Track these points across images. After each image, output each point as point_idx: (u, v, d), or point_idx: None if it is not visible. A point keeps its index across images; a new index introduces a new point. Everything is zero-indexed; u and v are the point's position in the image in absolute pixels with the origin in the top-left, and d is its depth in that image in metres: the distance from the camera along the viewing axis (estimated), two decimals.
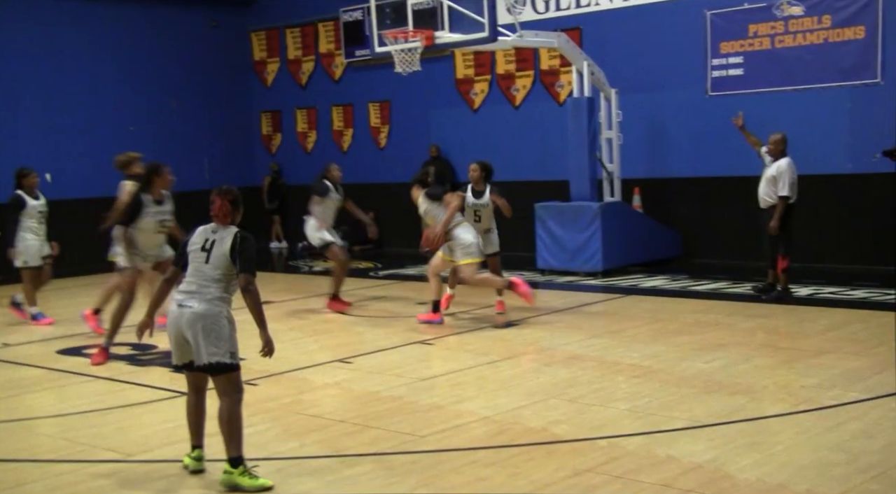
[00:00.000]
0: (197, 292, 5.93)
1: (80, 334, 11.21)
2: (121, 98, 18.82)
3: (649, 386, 7.81)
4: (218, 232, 6.05)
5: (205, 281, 5.94)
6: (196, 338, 5.88)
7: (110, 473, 6.27)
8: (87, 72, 18.44)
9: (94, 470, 6.33)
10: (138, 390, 8.53)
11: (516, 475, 5.83)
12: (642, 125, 15.21)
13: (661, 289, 12.82)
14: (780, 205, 11.25)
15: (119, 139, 17.95)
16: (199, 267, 5.99)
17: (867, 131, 13.30)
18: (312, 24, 20.17)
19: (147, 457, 6.55)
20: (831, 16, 13.54)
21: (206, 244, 6.02)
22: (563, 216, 14.23)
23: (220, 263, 5.95)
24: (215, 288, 5.93)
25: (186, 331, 5.91)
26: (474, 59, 17.55)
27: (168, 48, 19.59)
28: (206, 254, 5.99)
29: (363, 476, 5.97)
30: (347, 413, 7.35)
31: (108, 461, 6.51)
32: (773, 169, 11.34)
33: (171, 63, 19.61)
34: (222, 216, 6.08)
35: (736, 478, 5.59)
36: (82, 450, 6.77)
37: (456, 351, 9.66)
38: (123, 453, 6.65)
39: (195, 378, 6.11)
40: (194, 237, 6.11)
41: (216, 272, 5.95)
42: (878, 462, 5.75)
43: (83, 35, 18.45)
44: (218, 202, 6.07)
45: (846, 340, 9.24)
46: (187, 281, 6.02)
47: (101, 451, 6.73)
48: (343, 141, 19.93)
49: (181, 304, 5.94)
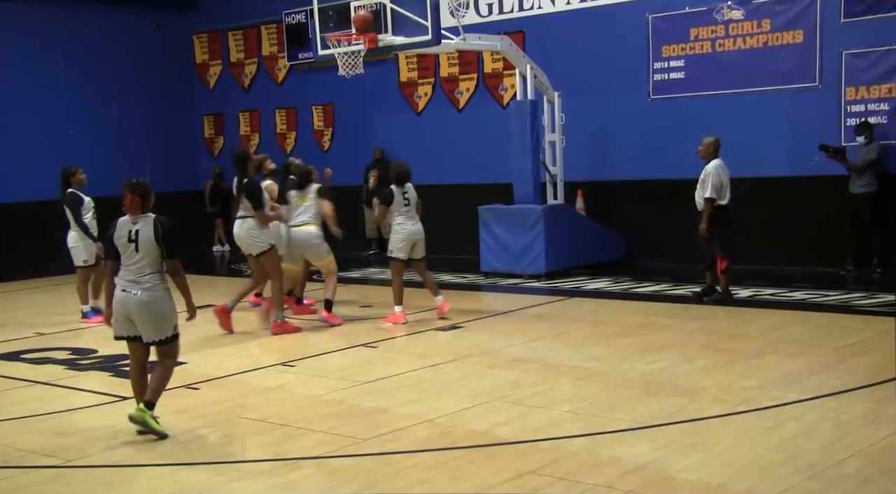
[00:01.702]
0: (135, 281, 6.69)
1: (19, 339, 11.08)
2: (61, 100, 18.50)
3: (592, 388, 7.84)
4: (137, 222, 6.72)
5: (139, 269, 6.69)
6: (145, 324, 6.73)
7: (49, 479, 6.18)
8: (26, 73, 18.08)
9: (32, 477, 6.24)
10: (77, 395, 8.42)
11: (459, 477, 5.82)
12: (585, 128, 15.28)
13: (603, 291, 12.89)
14: (707, 207, 11.25)
15: (59, 142, 17.79)
16: (130, 256, 6.71)
17: (805, 134, 13.48)
18: (255, 27, 20.03)
19: (87, 462, 6.46)
20: (770, 20, 13.73)
21: (131, 235, 6.70)
22: (506, 219, 14.26)
23: (148, 249, 6.68)
24: (150, 272, 6.70)
25: (134, 315, 6.71)
26: (418, 61, 17.53)
27: (109, 50, 19.28)
28: (134, 244, 6.69)
29: (305, 480, 5.92)
30: (289, 417, 7.29)
31: (47, 467, 6.41)
32: (702, 172, 11.38)
33: (112, 65, 19.30)
34: (134, 209, 6.74)
35: (677, 479, 5.63)
36: (20, 456, 6.67)
37: (399, 353, 9.64)
38: (62, 459, 6.55)
39: (139, 348, 6.93)
40: (117, 230, 6.78)
41: (147, 257, 6.68)
42: (817, 462, 5.81)
43: (22, 36, 18.08)
44: (128, 197, 6.72)
45: (786, 341, 9.34)
46: (124, 270, 6.74)
47: (39, 457, 6.63)
48: (286, 144, 19.79)
49: (125, 289, 6.72)
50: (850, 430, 6.45)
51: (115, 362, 9.63)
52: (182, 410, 7.69)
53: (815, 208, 13.53)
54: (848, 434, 6.37)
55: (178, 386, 8.41)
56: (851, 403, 7.08)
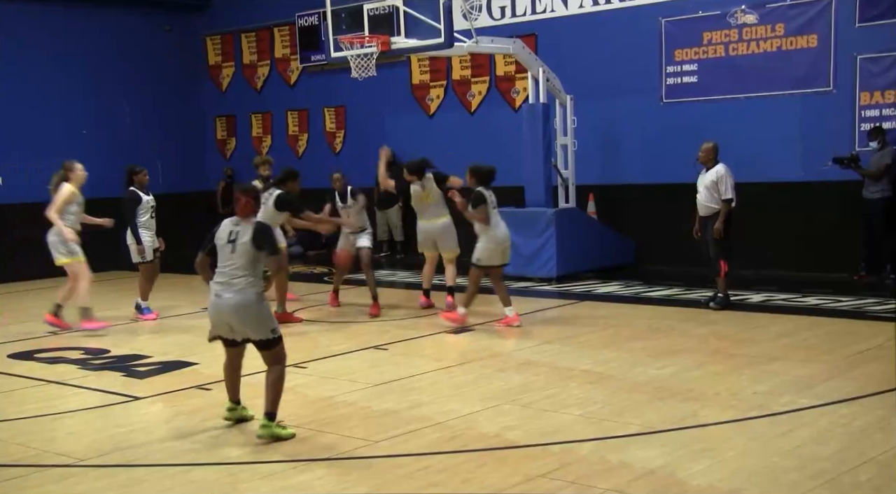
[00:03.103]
0: (227, 284, 6.78)
1: (33, 338, 11.14)
2: (74, 101, 18.61)
3: (602, 392, 7.82)
4: (240, 225, 6.85)
5: (232, 271, 6.78)
6: (243, 325, 6.80)
7: (62, 478, 6.20)
8: (41, 75, 18.20)
9: (45, 475, 6.26)
10: (90, 394, 8.46)
11: (469, 480, 5.82)
12: (597, 132, 15.28)
13: (614, 295, 12.87)
14: (725, 208, 11.21)
15: (72, 142, 17.87)
16: (227, 257, 6.83)
17: (819, 139, 13.45)
18: (268, 29, 20.07)
19: (99, 462, 6.47)
20: (785, 24, 13.70)
21: (231, 236, 6.84)
22: (517, 222, 14.18)
23: (244, 252, 6.77)
24: (242, 275, 6.75)
25: (228, 319, 6.80)
26: (430, 64, 17.55)
27: (122, 52, 19.39)
28: (232, 245, 6.81)
29: (316, 482, 5.93)
30: (301, 419, 7.29)
31: (60, 466, 6.43)
32: (712, 174, 11.27)
33: (125, 66, 19.41)
34: (247, 211, 6.89)
35: (688, 484, 5.61)
36: (34, 455, 6.70)
37: (410, 356, 9.63)
38: (75, 458, 6.58)
39: (232, 351, 7.09)
40: (220, 230, 6.94)
41: (242, 260, 6.77)
42: (829, 469, 5.79)
43: (36, 37, 18.18)
44: (242, 200, 6.88)
45: (797, 347, 9.32)
46: (218, 273, 6.87)
47: (52, 456, 6.66)
48: (298, 146, 19.84)
49: (217, 294, 6.81)
50: (862, 437, 6.42)
51: (127, 362, 9.70)
52: (194, 410, 7.74)
53: (827, 213, 13.48)
54: (860, 441, 6.34)
55: (190, 387, 8.48)
56: (864, 410, 7.06)
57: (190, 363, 9.54)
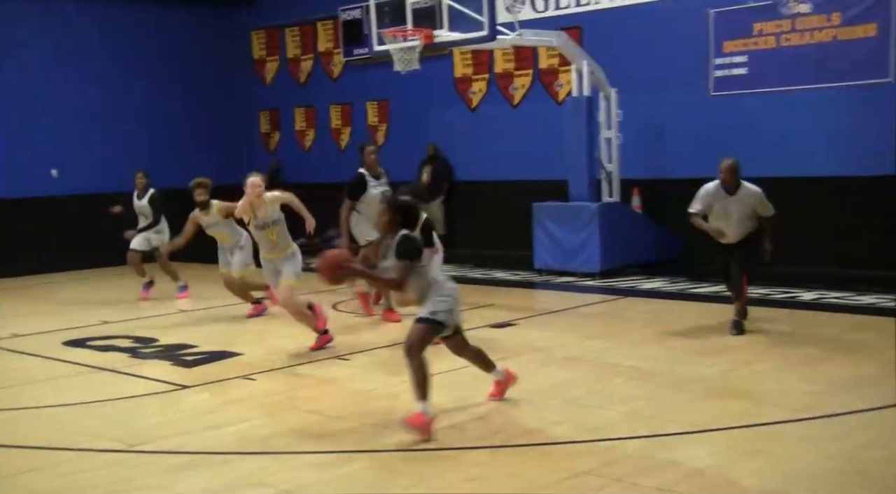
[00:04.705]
0: None
1: (86, 326, 11.41)
2: (120, 95, 19.01)
3: (648, 389, 7.72)
4: None
5: None
6: None
7: (112, 463, 6.27)
8: (94, 71, 18.72)
9: (96, 460, 6.32)
10: (140, 382, 8.57)
11: (513, 475, 5.75)
12: (642, 125, 15.10)
13: (659, 291, 12.73)
14: (772, 224, 9.82)
15: (118, 137, 18.40)
16: None
17: (877, 132, 12.93)
18: (311, 23, 20.12)
19: (149, 448, 6.54)
20: (841, 13, 13.31)
21: None
22: (561, 216, 14.16)
23: None
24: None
25: None
26: (473, 57, 17.46)
27: (167, 46, 19.75)
28: None
29: (359, 473, 5.93)
30: (344, 410, 7.28)
31: (111, 450, 6.50)
32: (750, 198, 9.68)
33: (169, 60, 19.77)
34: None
35: (739, 485, 5.49)
36: (85, 440, 6.77)
37: None
38: (126, 443, 6.65)
39: None
40: None
41: None
42: (883, 473, 5.64)
43: (92, 35, 18.74)
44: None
45: (850, 347, 9.10)
46: None
47: (103, 441, 6.73)
48: (341, 139, 19.86)
49: None
50: None
51: (175, 351, 9.82)
52: (239, 400, 7.78)
53: (884, 209, 13.08)
54: None
55: (235, 377, 8.51)
56: None
57: (235, 353, 9.59)
